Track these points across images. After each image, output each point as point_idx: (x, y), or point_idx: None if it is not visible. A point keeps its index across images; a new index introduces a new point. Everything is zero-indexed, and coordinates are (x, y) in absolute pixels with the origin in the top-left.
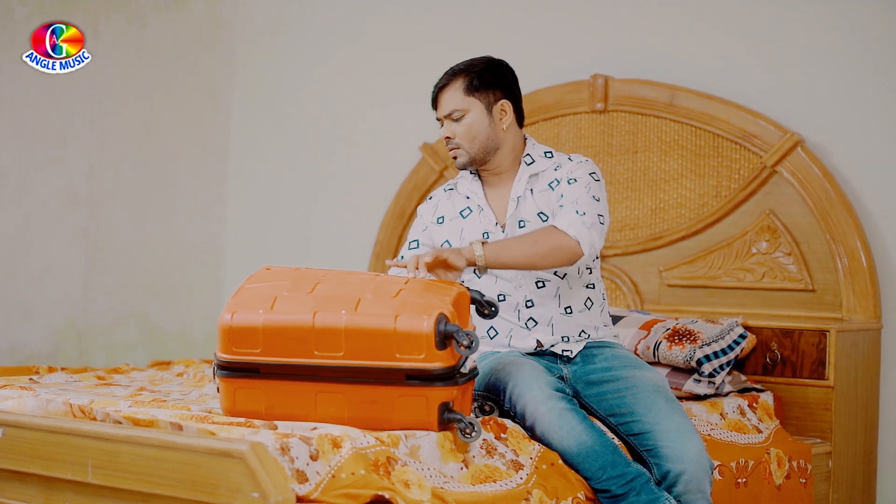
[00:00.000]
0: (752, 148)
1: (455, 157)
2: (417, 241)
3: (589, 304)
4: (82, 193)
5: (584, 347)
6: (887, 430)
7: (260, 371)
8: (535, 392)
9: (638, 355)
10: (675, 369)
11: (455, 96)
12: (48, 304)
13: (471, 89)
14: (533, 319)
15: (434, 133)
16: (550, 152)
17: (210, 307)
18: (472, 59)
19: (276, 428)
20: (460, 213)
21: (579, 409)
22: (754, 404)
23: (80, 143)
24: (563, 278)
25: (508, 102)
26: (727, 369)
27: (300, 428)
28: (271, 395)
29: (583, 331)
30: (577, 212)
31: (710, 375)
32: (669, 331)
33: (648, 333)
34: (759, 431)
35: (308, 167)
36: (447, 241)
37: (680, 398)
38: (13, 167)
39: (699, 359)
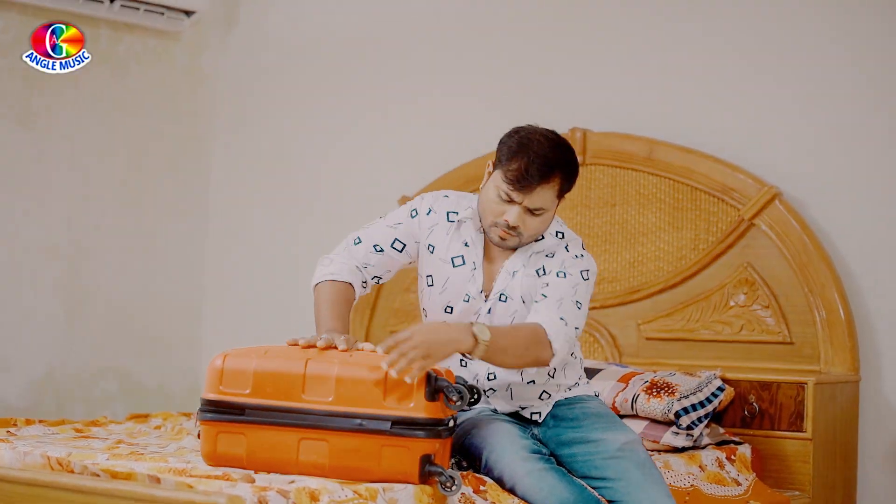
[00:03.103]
0: (730, 201)
1: (503, 239)
2: (397, 239)
3: (553, 371)
4: (62, 245)
5: (554, 406)
6: (865, 483)
7: (245, 412)
8: (512, 456)
9: (616, 409)
10: (654, 422)
11: (548, 195)
12: (27, 356)
13: (561, 192)
14: (493, 388)
15: (412, 187)
16: (562, 233)
17: (188, 361)
18: (567, 153)
19: (253, 481)
20: (452, 259)
21: (558, 468)
22: (732, 457)
23: (60, 194)
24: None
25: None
26: (705, 422)
27: (278, 481)
28: (253, 440)
29: (545, 391)
30: (561, 318)
31: (689, 428)
32: (647, 383)
33: (626, 386)
34: (738, 484)
35: (287, 220)
36: (429, 276)
37: (658, 451)
38: None
39: (677, 411)
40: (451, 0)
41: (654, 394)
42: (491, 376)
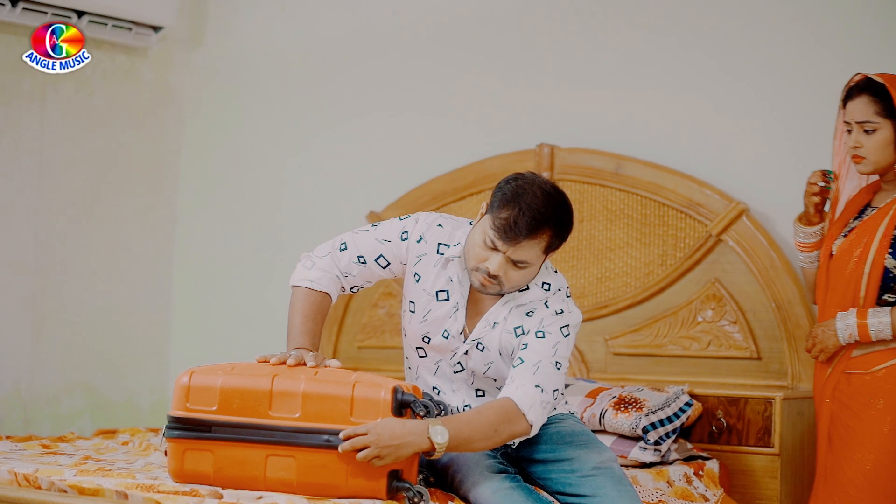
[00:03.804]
0: (697, 217)
1: (483, 286)
2: (382, 256)
3: None
4: (29, 262)
5: None
6: None
7: (212, 429)
8: (477, 476)
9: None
10: (621, 437)
11: (534, 250)
12: None
13: (548, 249)
14: None
15: (381, 202)
16: (548, 284)
17: (156, 377)
18: (561, 209)
19: (221, 497)
20: (437, 292)
21: (524, 485)
22: (700, 472)
23: (27, 211)
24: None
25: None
26: (673, 437)
27: (246, 497)
28: (220, 457)
29: None
30: (536, 386)
31: (656, 443)
32: (615, 399)
33: (594, 401)
34: (706, 499)
35: (255, 235)
36: (412, 302)
37: (626, 466)
38: None
39: (645, 427)
40: (419, 16)
41: (622, 409)
42: (466, 409)
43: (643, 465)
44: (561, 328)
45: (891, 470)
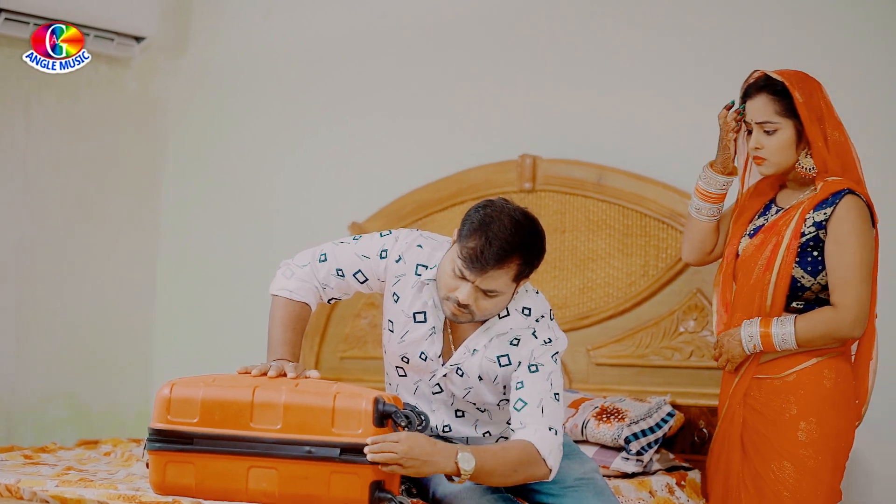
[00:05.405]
0: (679, 227)
1: (455, 315)
2: (361, 271)
3: (510, 420)
4: (12, 269)
5: None
6: None
7: (193, 441)
8: (459, 488)
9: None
10: (604, 447)
11: (503, 279)
12: None
13: (518, 277)
14: (448, 440)
15: (363, 212)
16: (529, 309)
17: (139, 386)
18: (530, 237)
19: None
20: (414, 314)
21: (506, 496)
22: (682, 482)
23: (11, 218)
24: (483, 412)
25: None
26: (655, 447)
27: None
28: (202, 469)
29: (502, 437)
30: (550, 428)
31: (639, 454)
32: (597, 409)
33: (577, 412)
34: None
35: (239, 245)
36: (391, 321)
37: (608, 476)
38: None
39: (627, 437)
40: (402, 26)
41: (604, 419)
42: (446, 429)
43: (625, 476)
44: (552, 357)
45: (811, 475)
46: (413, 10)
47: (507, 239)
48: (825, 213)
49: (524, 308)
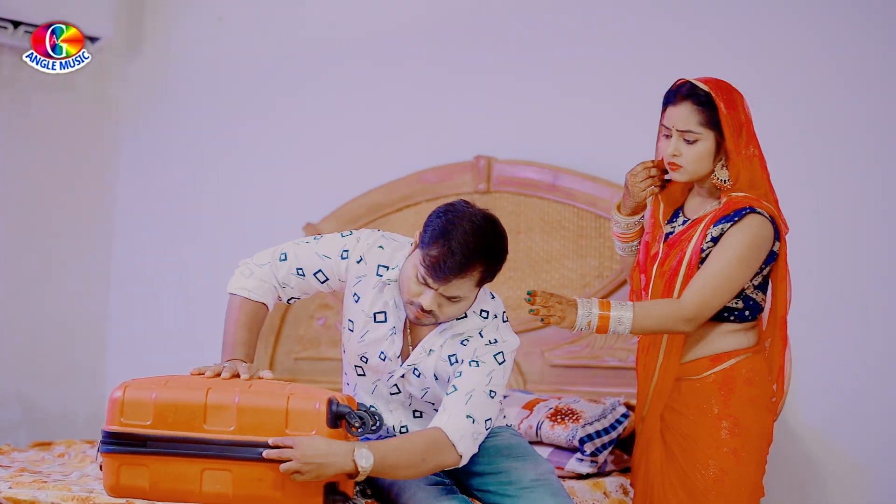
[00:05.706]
0: None
1: (418, 319)
2: (321, 271)
3: None
4: None
5: None
6: None
7: (147, 443)
8: (415, 489)
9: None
10: (558, 448)
11: (466, 286)
12: None
13: (481, 282)
14: None
15: (317, 213)
16: (487, 312)
17: (92, 388)
18: (491, 243)
19: None
20: (375, 314)
21: (462, 497)
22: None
23: None
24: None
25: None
26: (609, 448)
27: None
28: (156, 472)
29: None
30: (468, 416)
31: (593, 454)
32: (552, 410)
33: (531, 413)
34: None
35: (193, 247)
36: (351, 321)
37: (563, 477)
38: None
39: (581, 438)
40: (355, 29)
41: (559, 420)
42: (403, 429)
43: (580, 477)
44: (495, 356)
45: (736, 473)
46: (365, 15)
47: (469, 247)
48: (722, 229)
49: (482, 311)
